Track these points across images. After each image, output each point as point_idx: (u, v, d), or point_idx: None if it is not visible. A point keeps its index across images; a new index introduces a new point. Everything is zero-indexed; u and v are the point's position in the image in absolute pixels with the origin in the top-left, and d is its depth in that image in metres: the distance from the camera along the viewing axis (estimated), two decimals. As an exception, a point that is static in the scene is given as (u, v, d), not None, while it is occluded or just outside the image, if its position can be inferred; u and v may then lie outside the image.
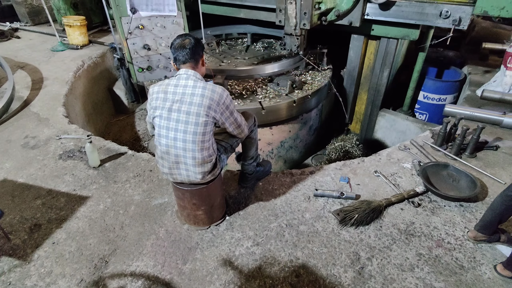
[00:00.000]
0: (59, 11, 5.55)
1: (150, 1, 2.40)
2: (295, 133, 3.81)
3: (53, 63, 4.57)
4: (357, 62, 3.89)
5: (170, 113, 1.70)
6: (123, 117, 5.05)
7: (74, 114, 3.82)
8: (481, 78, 4.00)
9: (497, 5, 2.68)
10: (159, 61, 2.80)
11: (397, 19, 3.17)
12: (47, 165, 2.69)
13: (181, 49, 1.73)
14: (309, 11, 3.12)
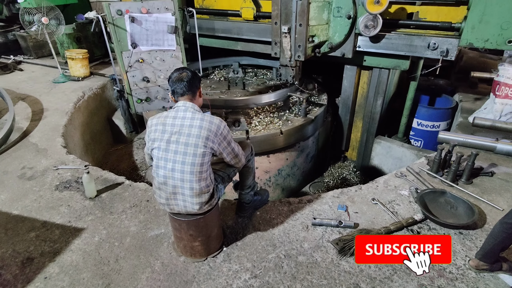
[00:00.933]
0: (62, 44, 5.75)
1: (150, 36, 2.52)
2: (292, 161, 3.83)
3: (54, 95, 4.66)
4: (351, 91, 4.00)
5: (168, 145, 1.73)
6: (121, 147, 5.08)
7: (73, 144, 3.85)
8: (472, 105, 4.10)
9: (481, 38, 2.81)
10: (158, 93, 2.88)
11: (387, 50, 3.31)
12: (43, 196, 2.66)
13: (179, 82, 1.79)
14: (303, 44, 3.26)
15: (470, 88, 4.67)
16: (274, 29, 3.40)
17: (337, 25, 3.26)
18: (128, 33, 2.46)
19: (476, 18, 2.74)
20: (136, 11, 2.43)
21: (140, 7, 2.42)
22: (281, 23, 3.28)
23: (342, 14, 3.17)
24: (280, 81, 4.00)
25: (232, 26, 4.09)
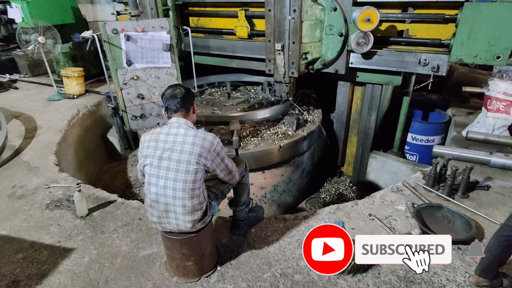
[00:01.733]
0: (58, 63, 5.79)
1: (145, 54, 2.54)
2: (288, 177, 3.81)
3: (48, 112, 4.65)
4: (345, 106, 4.04)
5: (160, 161, 1.71)
6: (115, 164, 5.03)
7: (66, 162, 3.80)
8: (465, 120, 4.15)
9: (470, 54, 2.87)
10: (152, 109, 2.88)
11: (379, 67, 3.37)
12: (33, 215, 2.60)
13: (172, 98, 1.79)
14: (296, 61, 3.31)
15: (462, 103, 4.74)
16: (268, 47, 3.45)
17: (329, 42, 3.32)
18: (123, 51, 2.48)
19: (465, 35, 2.81)
20: (132, 30, 2.46)
21: (136, 26, 2.46)
22: (275, 41, 3.33)
23: (334, 32, 3.24)
24: (275, 97, 4.05)
25: (227, 44, 4.15)
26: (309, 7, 3.13)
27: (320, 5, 3.16)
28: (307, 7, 3.13)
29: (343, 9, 3.15)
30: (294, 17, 3.13)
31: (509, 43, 2.72)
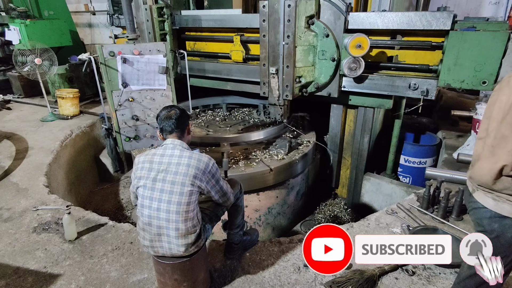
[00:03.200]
0: (54, 84, 5.81)
1: (141, 76, 2.57)
2: (283, 199, 3.78)
3: (41, 133, 4.60)
4: (338, 128, 4.09)
5: (154, 183, 1.69)
6: (107, 186, 4.95)
7: (56, 184, 3.72)
8: (455, 142, 4.23)
9: (457, 79, 2.98)
10: (147, 131, 2.88)
11: (371, 90, 3.45)
12: (19, 239, 2.51)
13: (167, 119, 1.80)
14: (290, 84, 3.38)
15: (451, 126, 4.85)
16: (263, 71, 3.54)
17: (322, 67, 3.42)
18: (119, 73, 2.52)
19: (451, 61, 2.92)
20: (129, 53, 2.51)
21: (133, 49, 2.51)
22: (269, 64, 3.42)
23: (327, 57, 3.34)
24: (269, 119, 4.10)
25: (222, 67, 4.24)
26: (303, 33, 3.25)
27: (313, 31, 3.28)
28: (301, 33, 3.24)
29: (335, 35, 3.27)
30: (288, 43, 3.24)
31: (493, 70, 2.83)
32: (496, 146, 1.39)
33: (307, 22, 3.25)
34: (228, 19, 4.01)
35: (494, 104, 1.44)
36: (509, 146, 1.34)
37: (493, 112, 1.43)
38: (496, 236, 1.48)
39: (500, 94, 1.41)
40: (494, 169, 1.40)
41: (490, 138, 1.43)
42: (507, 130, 1.35)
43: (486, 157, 1.45)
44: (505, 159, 1.35)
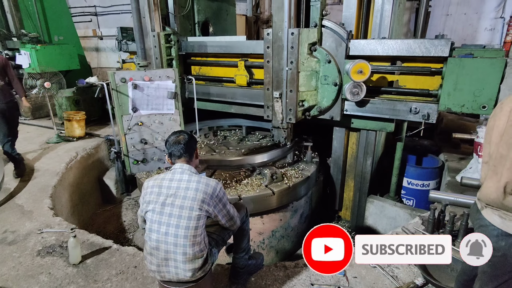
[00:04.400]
0: (61, 106, 5.93)
1: (150, 101, 2.66)
2: (286, 222, 3.76)
3: (47, 155, 4.66)
4: (341, 151, 4.14)
5: (163, 208, 1.71)
6: (110, 207, 4.94)
7: (60, 206, 3.73)
8: (457, 165, 4.25)
9: (457, 103, 3.05)
10: (154, 154, 2.93)
11: (373, 114, 3.52)
12: (23, 263, 2.50)
13: (176, 144, 1.85)
14: (294, 108, 3.47)
15: (453, 148, 4.89)
16: (266, 95, 3.64)
17: (324, 91, 3.51)
18: (130, 98, 2.60)
19: (451, 86, 3.01)
20: (139, 79, 2.61)
21: (143, 76, 2.60)
22: (273, 89, 3.52)
23: (329, 82, 3.43)
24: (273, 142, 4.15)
25: (227, 91, 4.35)
26: (305, 59, 3.36)
27: (316, 57, 3.39)
28: (303, 59, 3.36)
29: (337, 61, 3.38)
30: (291, 68, 3.35)
31: (492, 94, 2.91)
32: (497, 165, 1.47)
33: (310, 48, 3.37)
34: (233, 45, 4.16)
35: (492, 130, 1.53)
36: (507, 164, 1.42)
37: (492, 137, 1.52)
38: (503, 254, 1.50)
39: (496, 120, 1.51)
40: (499, 187, 1.46)
41: (492, 159, 1.50)
42: (505, 150, 1.43)
43: (490, 177, 1.52)
44: (507, 176, 1.42)
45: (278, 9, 3.27)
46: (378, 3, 3.40)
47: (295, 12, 3.28)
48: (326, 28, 3.38)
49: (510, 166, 1.41)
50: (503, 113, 1.48)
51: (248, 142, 4.65)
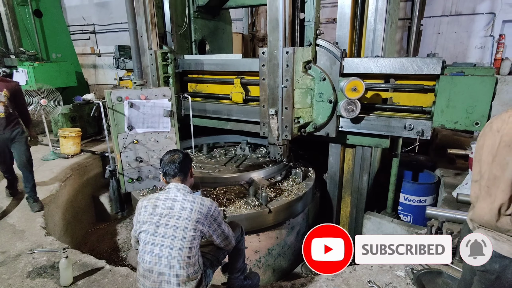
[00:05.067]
0: (57, 123, 5.92)
1: (146, 120, 2.66)
2: (283, 239, 3.71)
3: (41, 172, 4.60)
4: (337, 167, 4.14)
5: (157, 228, 1.69)
6: (103, 225, 4.86)
7: (53, 224, 3.67)
8: (453, 180, 4.26)
9: (451, 120, 3.09)
10: (149, 172, 2.91)
11: (367, 130, 3.55)
12: (12, 285, 2.42)
13: (171, 164, 1.84)
14: (289, 125, 3.49)
15: (449, 164, 4.91)
16: (262, 112, 3.66)
17: (320, 108, 3.54)
18: (125, 117, 2.61)
19: (444, 103, 3.05)
20: (135, 98, 2.62)
21: (140, 94, 2.62)
22: (269, 106, 3.56)
23: (324, 99, 3.48)
24: (269, 158, 4.16)
25: (223, 108, 4.38)
26: (300, 77, 3.41)
27: (310, 75, 3.45)
28: (299, 77, 3.41)
29: (331, 79, 3.43)
30: (286, 86, 3.39)
31: (484, 111, 2.95)
32: (490, 187, 1.47)
33: (305, 67, 3.43)
34: (229, 63, 4.22)
35: (482, 148, 1.55)
36: (502, 186, 1.42)
37: (482, 155, 1.53)
38: (497, 277, 1.49)
39: (486, 139, 1.53)
40: (493, 208, 1.46)
41: (484, 179, 1.51)
42: (498, 171, 1.44)
43: (483, 198, 1.52)
44: (501, 198, 1.43)
45: (273, 29, 3.35)
46: (371, 23, 3.48)
47: (289, 31, 3.35)
48: (320, 47, 3.45)
49: (505, 188, 1.41)
50: (492, 132, 1.50)
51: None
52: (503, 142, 1.43)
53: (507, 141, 1.41)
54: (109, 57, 9.96)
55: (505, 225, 1.44)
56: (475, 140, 3.87)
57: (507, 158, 1.40)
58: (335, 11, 3.64)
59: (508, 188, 1.41)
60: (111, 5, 10.64)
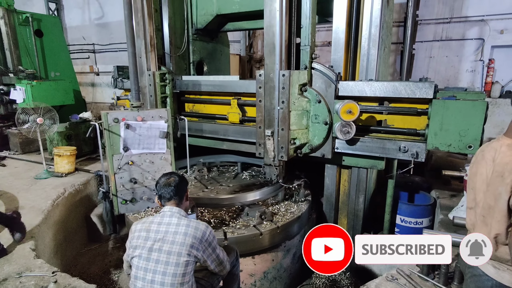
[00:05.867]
0: (52, 142, 5.89)
1: (142, 141, 2.67)
2: (279, 262, 3.64)
3: (33, 191, 4.54)
4: (333, 188, 4.13)
5: (150, 253, 1.66)
6: (95, 246, 4.74)
7: (43, 246, 3.57)
8: (449, 202, 4.26)
9: (444, 143, 3.13)
10: (144, 193, 2.89)
11: (363, 152, 3.58)
12: (-3, 312, 2.33)
13: (166, 187, 1.83)
14: (285, 146, 3.50)
15: (444, 185, 4.92)
16: (259, 132, 3.69)
17: (315, 129, 3.58)
18: (121, 138, 2.61)
19: (437, 126, 3.10)
20: (132, 119, 2.64)
21: (136, 116, 2.64)
22: (265, 127, 3.58)
23: (320, 121, 3.52)
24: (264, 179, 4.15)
25: (219, 128, 4.40)
26: (296, 99, 3.46)
27: (306, 97, 3.50)
28: (294, 99, 3.46)
29: (327, 101, 3.49)
30: (282, 107, 3.44)
31: (477, 135, 2.99)
32: (486, 216, 1.47)
33: (300, 89, 3.50)
34: (227, 84, 4.28)
35: (475, 176, 1.56)
36: (496, 216, 1.42)
37: (476, 183, 1.54)
38: None
39: (478, 167, 1.54)
40: (490, 238, 1.45)
41: (479, 208, 1.52)
42: (492, 201, 1.44)
43: (480, 227, 1.51)
44: (497, 228, 1.42)
45: (269, 52, 3.43)
46: (364, 48, 3.58)
47: (286, 55, 3.44)
48: (316, 70, 3.53)
49: (500, 219, 1.41)
50: (485, 161, 1.51)
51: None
52: (496, 172, 1.44)
53: (499, 171, 1.43)
54: (108, 76, 10.07)
55: (504, 255, 1.43)
56: (469, 162, 3.92)
57: (499, 188, 1.41)
58: (330, 34, 3.75)
59: (503, 218, 1.41)
60: (111, 25, 10.88)
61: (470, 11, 7.14)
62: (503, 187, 1.40)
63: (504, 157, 1.43)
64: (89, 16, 11.41)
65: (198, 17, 4.96)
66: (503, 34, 6.93)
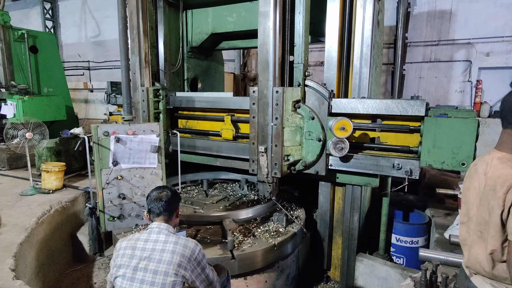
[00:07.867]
0: (41, 157, 5.75)
1: (133, 155, 2.60)
2: (272, 284, 3.51)
3: (18, 208, 4.37)
4: (327, 206, 4.06)
5: (135, 273, 1.56)
6: (80, 267, 4.53)
7: (24, 266, 3.39)
8: (444, 221, 4.21)
9: (438, 160, 3.12)
10: (132, 210, 2.79)
11: (357, 169, 3.55)
12: (-32, 338, 2.16)
13: (157, 201, 1.76)
14: (279, 162, 3.47)
15: (438, 203, 4.89)
16: (252, 149, 3.65)
17: (309, 146, 3.56)
18: (111, 152, 2.55)
19: (430, 143, 3.10)
20: (123, 133, 2.59)
21: (127, 129, 2.59)
22: (258, 143, 3.55)
23: (313, 137, 3.50)
24: (255, 195, 4.06)
25: (213, 144, 4.36)
26: (290, 115, 3.46)
27: (300, 114, 3.50)
28: (288, 115, 3.46)
29: (320, 118, 3.49)
30: (276, 124, 3.43)
31: (470, 152, 3.00)
32: (483, 232, 1.43)
33: (294, 106, 3.50)
34: (220, 100, 4.28)
35: (468, 190, 1.53)
36: (491, 231, 1.39)
37: (469, 198, 1.51)
38: None
39: (471, 181, 1.52)
40: (486, 255, 1.41)
41: (473, 222, 1.48)
42: (486, 215, 1.41)
43: (477, 243, 1.47)
44: (492, 244, 1.39)
45: (263, 69, 3.46)
46: (356, 67, 3.64)
47: (279, 72, 3.47)
48: (309, 88, 3.55)
49: (494, 234, 1.38)
50: (478, 175, 1.49)
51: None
52: (488, 186, 1.42)
53: (491, 184, 1.41)
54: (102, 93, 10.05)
55: (501, 273, 1.38)
56: (462, 180, 3.92)
57: (492, 202, 1.39)
58: (323, 55, 3.81)
59: (497, 233, 1.37)
60: (107, 43, 10.99)
61: (457, 34, 7.40)
62: (495, 201, 1.37)
63: (496, 170, 1.41)
64: (86, 34, 11.53)
65: (193, 35, 5.03)
66: (489, 56, 7.17)
